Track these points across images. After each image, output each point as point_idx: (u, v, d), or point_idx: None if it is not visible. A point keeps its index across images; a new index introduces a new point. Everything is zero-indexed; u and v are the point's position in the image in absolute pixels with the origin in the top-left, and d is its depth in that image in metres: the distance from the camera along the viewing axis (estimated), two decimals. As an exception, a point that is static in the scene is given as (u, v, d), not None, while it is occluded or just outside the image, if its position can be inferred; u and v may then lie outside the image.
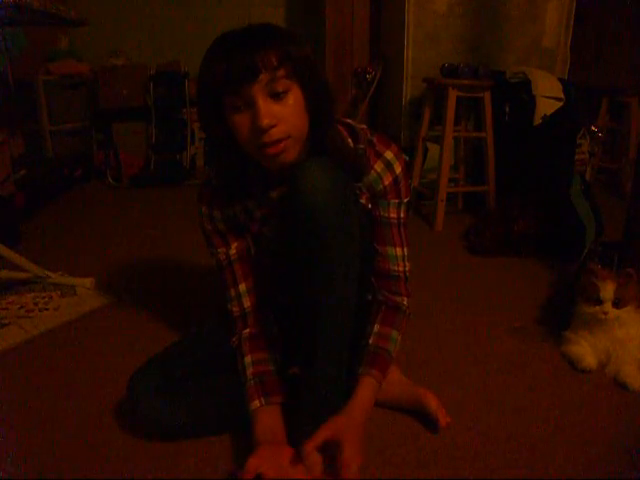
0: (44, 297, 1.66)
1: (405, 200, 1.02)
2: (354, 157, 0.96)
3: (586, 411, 1.11)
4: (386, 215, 1.01)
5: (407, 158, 2.44)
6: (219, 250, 1.06)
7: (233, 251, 1.05)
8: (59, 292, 1.69)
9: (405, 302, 1.04)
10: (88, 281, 1.72)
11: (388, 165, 0.98)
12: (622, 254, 1.56)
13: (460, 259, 2.00)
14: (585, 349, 1.26)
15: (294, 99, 0.86)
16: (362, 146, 0.96)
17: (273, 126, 0.84)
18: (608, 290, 1.20)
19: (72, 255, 2.02)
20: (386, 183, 0.98)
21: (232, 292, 1.06)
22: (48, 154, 3.10)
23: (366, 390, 0.95)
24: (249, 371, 0.99)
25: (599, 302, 1.22)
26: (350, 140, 0.97)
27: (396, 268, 1.03)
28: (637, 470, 0.95)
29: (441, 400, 1.06)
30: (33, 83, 3.00)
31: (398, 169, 0.99)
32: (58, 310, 1.57)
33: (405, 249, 1.03)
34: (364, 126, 1.00)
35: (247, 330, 1.04)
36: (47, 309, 1.58)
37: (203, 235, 1.08)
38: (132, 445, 1.00)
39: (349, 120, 1.00)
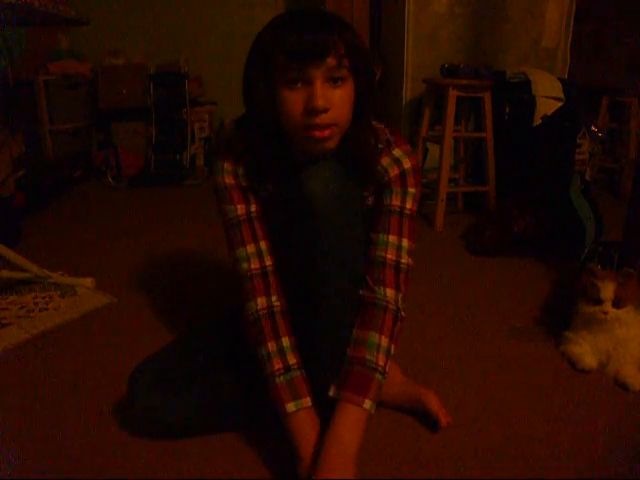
0: (44, 297, 1.66)
1: (410, 190, 0.97)
2: (375, 159, 0.95)
3: (586, 411, 1.11)
4: (387, 203, 0.96)
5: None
6: (238, 206, 0.98)
7: (254, 208, 0.99)
8: (59, 292, 1.69)
9: (388, 295, 0.92)
10: (88, 281, 1.72)
11: (395, 160, 0.96)
12: (622, 254, 1.56)
13: (460, 259, 2.00)
14: (585, 349, 1.26)
15: (347, 90, 0.87)
16: (381, 146, 0.96)
17: (326, 110, 0.85)
18: (608, 290, 1.20)
19: (72, 255, 2.02)
20: (391, 175, 0.96)
21: (251, 248, 0.97)
22: (48, 154, 3.10)
23: (340, 422, 0.86)
24: (292, 362, 0.93)
25: (599, 302, 1.22)
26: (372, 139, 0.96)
27: (383, 254, 0.94)
28: (637, 470, 0.95)
29: (441, 400, 1.06)
30: (33, 83, 3.00)
31: (407, 164, 0.96)
32: (58, 310, 1.57)
33: (403, 240, 0.95)
34: (382, 125, 0.98)
35: (277, 301, 0.96)
36: (47, 309, 1.58)
37: (218, 192, 0.99)
38: (132, 445, 1.00)
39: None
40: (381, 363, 0.89)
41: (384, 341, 0.90)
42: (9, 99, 2.73)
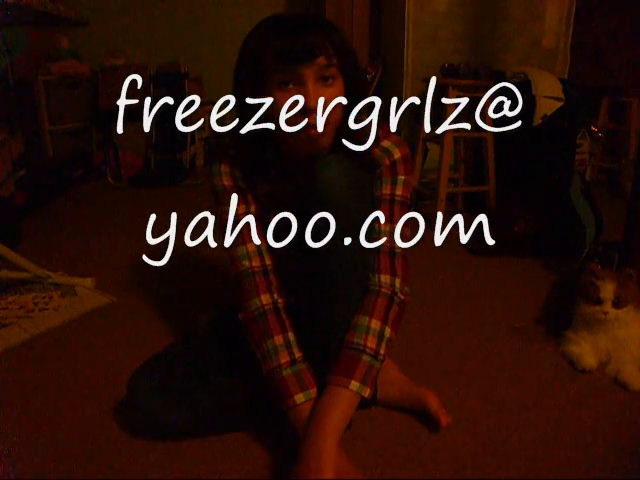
0: (44, 297, 1.66)
1: (400, 177, 0.98)
2: (370, 152, 0.97)
3: (586, 411, 1.10)
4: (378, 193, 0.98)
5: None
6: (238, 206, 1.00)
7: (252, 209, 1.00)
8: (59, 292, 1.69)
9: (382, 280, 0.94)
10: (88, 281, 1.72)
11: (385, 151, 0.98)
12: (622, 254, 1.56)
13: (460, 259, 2.00)
14: (585, 349, 1.26)
15: (338, 88, 0.90)
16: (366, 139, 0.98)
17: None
18: (608, 290, 1.20)
19: (72, 255, 2.02)
20: (383, 166, 0.99)
21: (252, 246, 0.99)
22: (48, 154, 3.10)
23: (324, 403, 0.87)
24: (298, 355, 0.94)
25: (599, 302, 1.22)
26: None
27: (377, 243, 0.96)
28: (637, 470, 0.95)
29: (441, 400, 1.06)
30: (33, 83, 3.01)
31: (397, 154, 0.98)
32: (58, 310, 1.57)
33: (394, 225, 0.97)
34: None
35: (280, 298, 0.97)
36: (47, 309, 1.58)
37: (217, 194, 1.01)
38: (132, 445, 1.00)
39: None
40: (370, 345, 0.89)
41: (375, 323, 0.90)
42: (9, 99, 2.73)
